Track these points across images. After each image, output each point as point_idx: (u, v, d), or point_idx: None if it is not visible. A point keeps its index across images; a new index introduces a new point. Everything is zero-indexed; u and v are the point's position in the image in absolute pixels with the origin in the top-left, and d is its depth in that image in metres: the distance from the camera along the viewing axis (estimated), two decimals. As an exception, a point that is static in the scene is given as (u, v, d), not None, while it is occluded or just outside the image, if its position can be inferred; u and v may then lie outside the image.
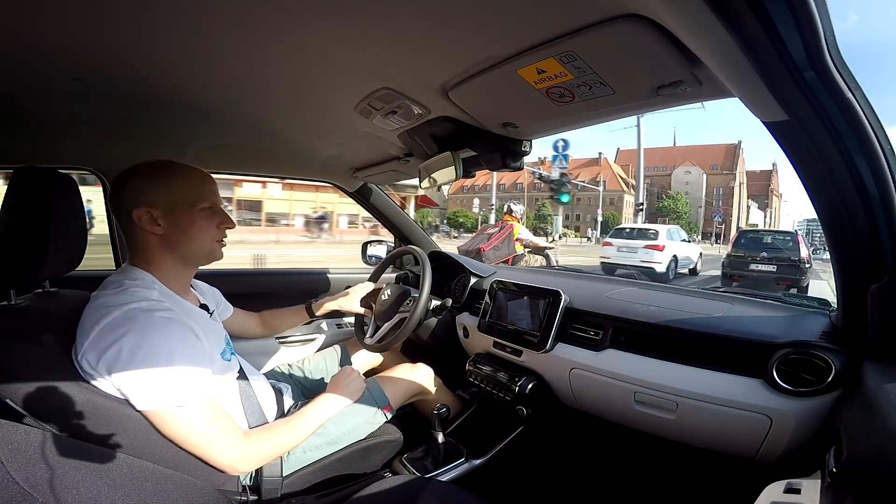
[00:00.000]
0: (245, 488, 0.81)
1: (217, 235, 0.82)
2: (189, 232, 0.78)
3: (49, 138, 1.14)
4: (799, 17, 0.40)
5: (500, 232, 3.82)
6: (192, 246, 0.79)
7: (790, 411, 0.73)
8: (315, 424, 0.88)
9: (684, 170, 61.85)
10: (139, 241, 0.77)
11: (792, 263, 7.14)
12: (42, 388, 0.61)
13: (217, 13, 0.57)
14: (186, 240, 0.78)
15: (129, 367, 0.64)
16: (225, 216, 0.83)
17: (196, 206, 0.78)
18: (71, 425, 0.62)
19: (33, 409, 0.60)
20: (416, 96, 0.79)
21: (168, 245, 0.77)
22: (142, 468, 0.60)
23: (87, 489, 0.50)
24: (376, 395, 1.09)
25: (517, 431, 1.14)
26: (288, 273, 1.97)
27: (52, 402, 0.62)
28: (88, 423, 0.63)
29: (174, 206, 0.76)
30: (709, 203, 59.01)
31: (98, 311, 0.67)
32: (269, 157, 1.44)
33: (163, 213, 0.75)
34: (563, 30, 0.51)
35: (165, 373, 0.66)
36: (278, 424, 0.85)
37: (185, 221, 0.77)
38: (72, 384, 0.63)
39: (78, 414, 0.63)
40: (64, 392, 0.62)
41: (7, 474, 0.44)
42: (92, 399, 0.64)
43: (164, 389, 0.66)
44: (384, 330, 1.24)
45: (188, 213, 0.77)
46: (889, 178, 0.53)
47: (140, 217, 0.74)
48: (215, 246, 0.82)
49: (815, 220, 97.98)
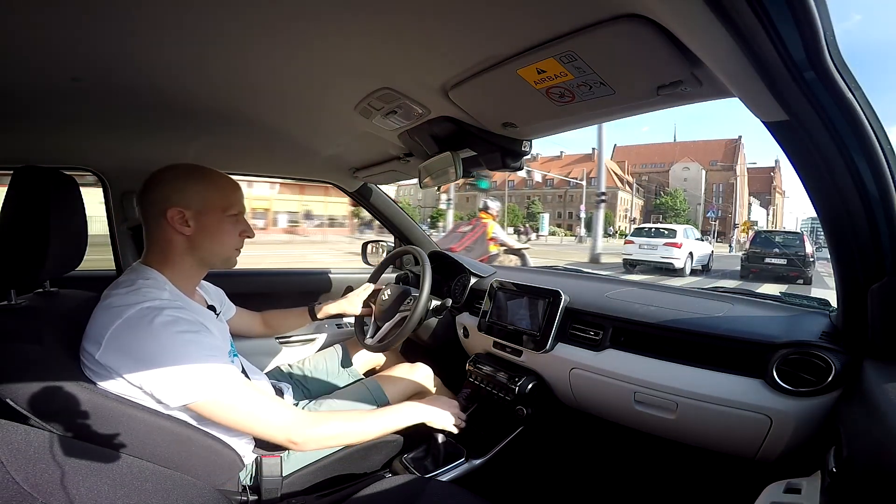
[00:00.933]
0: (245, 488, 0.81)
1: (237, 244, 0.84)
2: (216, 236, 0.79)
3: (49, 138, 1.14)
4: (799, 17, 0.40)
5: (472, 231, 3.51)
6: (214, 249, 0.81)
7: (790, 411, 0.73)
8: (391, 425, 0.88)
9: (682, 166, 60.86)
10: (163, 239, 0.77)
11: (799, 258, 8.88)
12: (42, 388, 0.61)
13: (216, 14, 0.57)
14: (211, 243, 0.79)
15: (155, 368, 0.65)
16: (248, 226, 0.85)
17: (227, 211, 0.80)
18: (71, 425, 0.62)
19: (33, 409, 0.60)
20: (416, 96, 0.79)
21: (192, 246, 0.78)
22: (142, 468, 0.60)
23: (88, 489, 0.50)
24: (376, 395, 1.09)
25: (517, 431, 1.14)
26: (289, 273, 1.97)
27: (53, 401, 0.61)
28: (89, 423, 0.63)
29: (206, 210, 0.78)
30: (707, 201, 58.12)
31: (110, 311, 0.67)
32: (269, 157, 1.44)
33: (194, 214, 0.76)
34: (563, 30, 0.51)
35: (192, 365, 0.67)
36: (347, 412, 0.86)
37: (213, 225, 0.79)
38: (73, 384, 0.63)
39: (78, 414, 0.63)
40: (64, 392, 0.62)
41: (7, 474, 0.44)
42: (93, 399, 0.64)
43: (195, 381, 0.67)
44: (384, 330, 1.24)
45: (219, 217, 0.79)
46: (889, 178, 0.53)
47: (173, 217, 0.75)
48: (234, 253, 0.84)
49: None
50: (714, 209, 51.05)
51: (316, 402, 1.06)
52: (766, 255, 9.25)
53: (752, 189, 67.86)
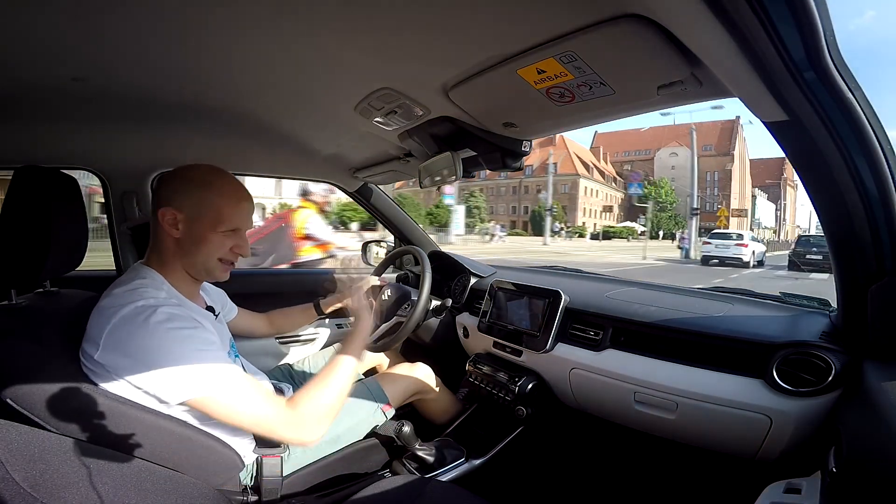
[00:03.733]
0: (245, 488, 0.81)
1: (226, 256, 0.80)
2: (201, 246, 0.77)
3: (50, 138, 1.14)
4: (799, 17, 0.40)
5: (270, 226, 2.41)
6: (197, 259, 0.78)
7: (790, 411, 0.72)
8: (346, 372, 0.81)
9: (669, 151, 50.99)
10: (157, 239, 0.78)
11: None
12: (42, 387, 0.61)
13: (217, 14, 0.57)
14: (195, 251, 0.78)
15: (152, 366, 0.64)
16: (242, 242, 0.81)
17: (218, 227, 0.77)
18: (71, 425, 0.62)
19: (33, 409, 0.60)
20: (416, 96, 0.79)
21: (179, 250, 0.78)
22: (142, 468, 0.60)
23: (88, 489, 0.50)
24: (376, 394, 1.09)
25: (517, 431, 1.14)
26: (293, 273, 1.97)
27: (53, 401, 0.62)
28: (89, 422, 0.63)
29: (197, 218, 0.76)
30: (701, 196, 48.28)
31: (108, 311, 0.67)
32: (269, 157, 1.44)
33: (186, 219, 0.75)
34: (563, 30, 0.51)
35: (188, 362, 0.66)
36: (310, 383, 0.79)
37: (200, 235, 0.77)
38: (73, 384, 0.63)
39: (78, 414, 0.63)
40: (65, 392, 0.62)
41: (7, 474, 0.44)
42: (93, 399, 0.64)
43: (193, 377, 0.66)
44: (381, 331, 1.24)
45: (205, 230, 0.77)
46: (889, 178, 0.53)
47: (163, 216, 0.75)
48: (218, 265, 0.80)
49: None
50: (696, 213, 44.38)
51: None
52: (807, 252, 12.52)
53: (759, 182, 58.40)
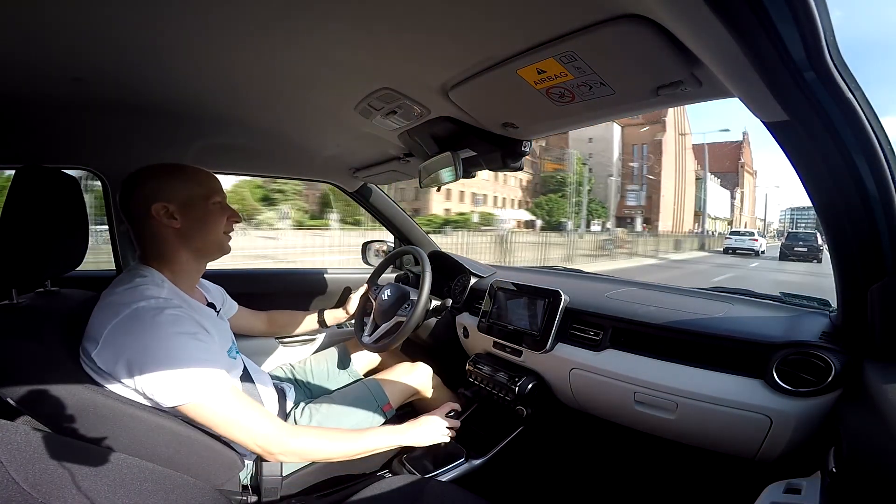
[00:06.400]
0: (245, 488, 0.81)
1: (227, 228, 0.85)
2: (205, 224, 0.81)
3: (51, 138, 1.14)
4: (799, 17, 0.40)
5: None
6: (206, 238, 0.82)
7: (790, 411, 0.72)
8: (372, 447, 0.85)
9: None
10: (155, 237, 0.78)
11: (815, 247, 15.13)
12: (43, 387, 0.61)
13: (217, 15, 0.57)
14: (202, 232, 0.81)
15: (148, 368, 0.65)
16: (233, 211, 0.86)
17: (210, 199, 0.81)
18: (72, 425, 0.62)
19: (34, 408, 0.61)
20: (416, 96, 0.79)
21: (183, 239, 0.79)
22: (142, 468, 0.60)
23: (87, 489, 0.50)
24: (376, 394, 1.09)
25: (517, 431, 1.14)
26: (288, 273, 1.97)
27: (53, 401, 0.62)
28: (89, 422, 0.63)
29: (190, 201, 0.79)
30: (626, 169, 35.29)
31: (107, 311, 0.68)
32: (269, 157, 1.44)
33: (178, 207, 0.77)
34: (563, 30, 0.51)
35: (185, 367, 0.66)
36: (332, 430, 0.85)
37: (200, 214, 0.80)
38: (73, 383, 0.63)
39: (79, 413, 0.63)
40: (65, 391, 0.62)
41: (7, 474, 0.44)
42: (93, 398, 0.64)
43: (187, 383, 0.66)
44: (381, 331, 1.24)
45: (203, 206, 0.80)
46: (889, 178, 0.53)
47: (158, 211, 0.76)
48: (225, 238, 0.85)
49: (799, 208, 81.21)
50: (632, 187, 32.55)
51: (316, 403, 1.06)
52: (795, 245, 15.99)
53: (713, 167, 46.13)
